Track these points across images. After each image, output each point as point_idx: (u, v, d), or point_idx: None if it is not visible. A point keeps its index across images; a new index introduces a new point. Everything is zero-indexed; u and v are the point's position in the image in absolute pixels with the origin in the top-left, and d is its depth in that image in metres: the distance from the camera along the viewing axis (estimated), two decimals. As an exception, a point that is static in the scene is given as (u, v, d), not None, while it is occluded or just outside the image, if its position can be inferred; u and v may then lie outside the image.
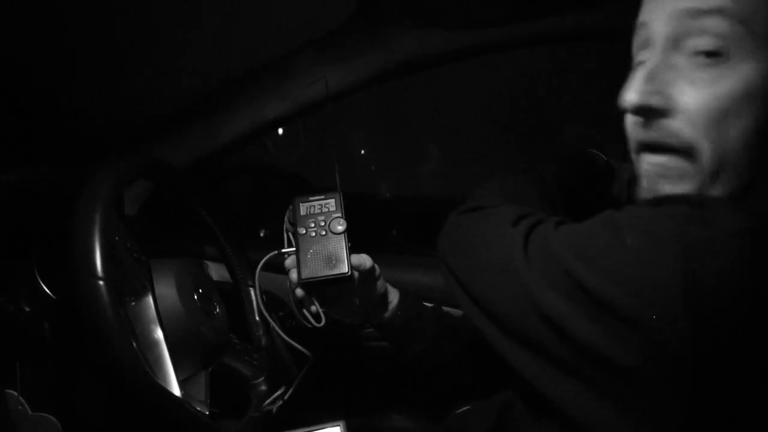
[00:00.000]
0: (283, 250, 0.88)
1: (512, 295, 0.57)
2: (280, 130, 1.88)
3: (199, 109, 1.24)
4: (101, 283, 0.75)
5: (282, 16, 1.02)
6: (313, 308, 0.86)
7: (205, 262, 1.30)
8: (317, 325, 0.86)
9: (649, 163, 0.60)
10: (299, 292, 0.85)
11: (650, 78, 0.55)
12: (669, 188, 0.57)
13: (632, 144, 0.63)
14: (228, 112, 1.23)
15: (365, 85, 1.16)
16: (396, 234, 1.82)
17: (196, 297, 1.01)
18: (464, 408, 0.89)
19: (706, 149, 0.54)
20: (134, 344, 0.81)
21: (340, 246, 0.84)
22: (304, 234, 0.85)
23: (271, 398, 1.06)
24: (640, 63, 0.59)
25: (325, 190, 0.89)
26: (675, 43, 0.54)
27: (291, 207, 0.89)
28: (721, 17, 0.51)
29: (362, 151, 2.23)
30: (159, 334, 0.88)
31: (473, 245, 0.67)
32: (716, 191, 0.55)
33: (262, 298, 0.93)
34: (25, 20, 0.93)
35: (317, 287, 0.85)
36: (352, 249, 0.85)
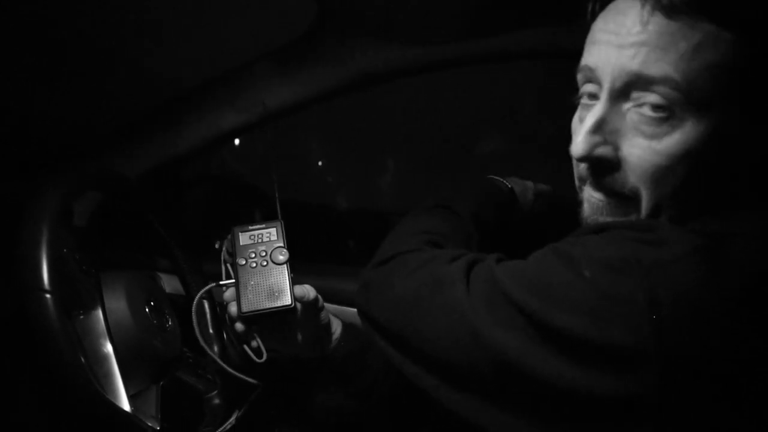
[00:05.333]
0: (222, 282, 0.84)
1: (457, 339, 0.55)
2: (237, 141, 1.87)
3: (154, 119, 1.22)
4: (48, 296, 0.73)
5: (241, 26, 1.02)
6: (254, 343, 0.83)
7: (158, 274, 1.27)
8: (258, 360, 0.83)
9: (593, 197, 0.62)
10: (239, 326, 0.82)
11: (597, 127, 0.57)
12: (610, 219, 0.60)
13: (577, 178, 0.65)
14: (184, 123, 1.22)
15: (322, 98, 1.16)
16: (353, 246, 1.83)
17: (147, 310, 1.00)
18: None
19: (645, 195, 0.57)
20: (82, 359, 0.79)
21: (283, 277, 0.81)
22: (243, 265, 0.81)
23: (221, 428, 1.03)
24: (587, 106, 0.61)
25: (266, 219, 0.86)
26: (622, 93, 0.56)
27: (229, 237, 0.85)
28: (664, 85, 0.53)
29: (319, 163, 2.24)
30: (108, 348, 0.86)
31: (402, 295, 0.64)
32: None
33: (201, 323, 0.89)
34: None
35: (258, 321, 0.82)
36: (297, 273, 0.82)
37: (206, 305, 1.13)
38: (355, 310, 1.06)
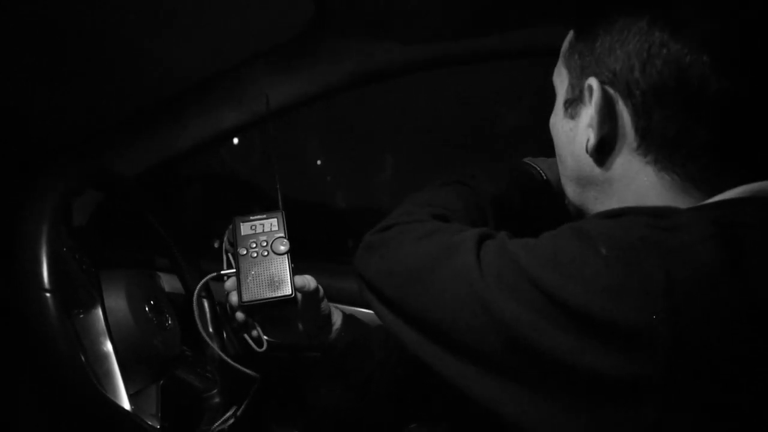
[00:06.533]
0: (223, 272, 0.85)
1: (464, 309, 0.54)
2: (235, 140, 1.87)
3: (151, 117, 1.22)
4: (48, 295, 0.73)
5: (239, 24, 1.02)
6: (255, 332, 0.84)
7: (157, 273, 1.27)
8: (258, 349, 0.83)
9: None
10: (240, 315, 0.82)
11: None
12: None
13: None
14: (181, 121, 1.22)
15: (320, 96, 1.16)
16: (352, 244, 1.83)
17: (147, 309, 1.00)
18: (413, 426, 0.89)
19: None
20: (82, 357, 0.79)
21: (283, 267, 0.81)
22: (244, 255, 0.82)
23: (221, 420, 1.03)
24: None
25: (267, 210, 0.86)
26: None
27: (231, 227, 0.86)
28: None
29: (318, 161, 2.23)
30: (108, 346, 0.86)
31: (406, 260, 0.63)
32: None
33: (201, 316, 0.89)
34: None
35: (259, 310, 0.82)
36: (296, 269, 0.82)
37: (205, 303, 1.13)
38: (356, 308, 1.06)
